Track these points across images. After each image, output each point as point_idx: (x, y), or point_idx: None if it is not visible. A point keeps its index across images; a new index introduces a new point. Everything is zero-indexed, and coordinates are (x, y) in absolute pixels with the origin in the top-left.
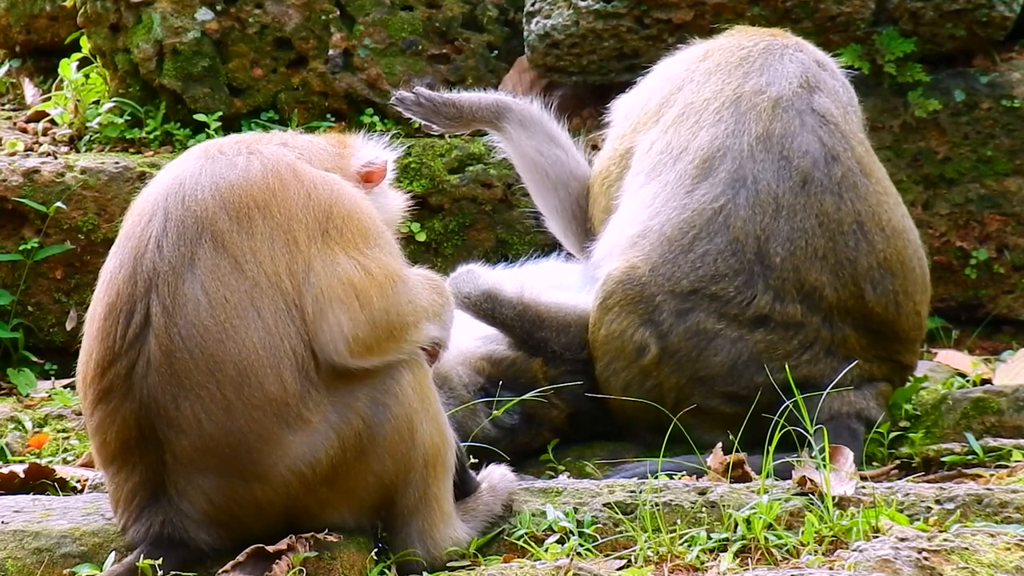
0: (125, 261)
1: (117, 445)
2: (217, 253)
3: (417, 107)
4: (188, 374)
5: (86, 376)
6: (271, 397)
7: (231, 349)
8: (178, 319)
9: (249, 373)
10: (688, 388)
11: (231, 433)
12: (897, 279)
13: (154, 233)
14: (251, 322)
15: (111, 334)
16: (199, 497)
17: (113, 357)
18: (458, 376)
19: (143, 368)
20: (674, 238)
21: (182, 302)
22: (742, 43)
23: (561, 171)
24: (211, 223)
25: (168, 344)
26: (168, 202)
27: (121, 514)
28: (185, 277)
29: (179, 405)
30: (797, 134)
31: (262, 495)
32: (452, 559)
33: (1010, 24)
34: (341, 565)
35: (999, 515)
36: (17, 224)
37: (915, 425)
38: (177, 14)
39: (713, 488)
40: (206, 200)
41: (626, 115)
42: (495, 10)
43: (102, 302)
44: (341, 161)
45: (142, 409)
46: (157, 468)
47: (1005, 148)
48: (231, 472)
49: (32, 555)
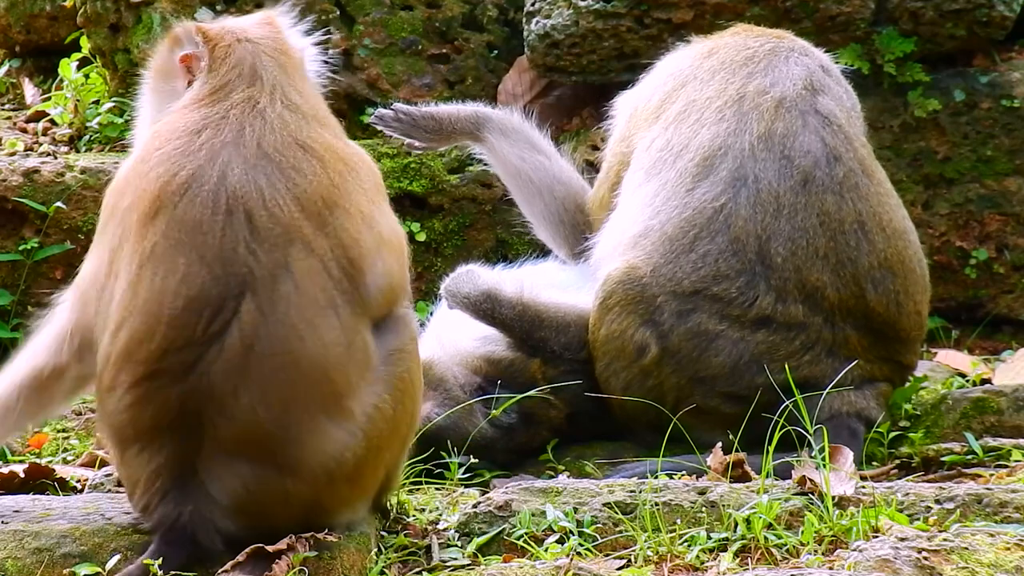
0: (205, 260)
1: (149, 424)
2: (308, 256)
3: (397, 123)
4: (260, 367)
5: (131, 353)
6: (334, 391)
7: (310, 347)
8: (270, 317)
9: (321, 369)
10: (688, 388)
11: (282, 426)
12: (898, 279)
13: (243, 237)
14: (331, 320)
15: (191, 325)
16: (233, 483)
17: (185, 344)
18: (454, 377)
19: (212, 357)
20: (675, 237)
21: (277, 301)
22: (748, 43)
23: (544, 176)
24: (297, 229)
25: (252, 340)
26: (246, 203)
27: (141, 495)
28: (281, 279)
29: (238, 394)
30: (799, 134)
31: (291, 488)
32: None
33: (1010, 24)
34: (341, 565)
35: (999, 515)
36: (17, 224)
37: (915, 425)
38: (177, 14)
39: (713, 488)
40: (289, 205)
41: (630, 113)
42: (495, 10)
43: (177, 293)
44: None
45: (192, 393)
46: (190, 452)
47: (1005, 148)
48: (268, 462)
49: (32, 555)
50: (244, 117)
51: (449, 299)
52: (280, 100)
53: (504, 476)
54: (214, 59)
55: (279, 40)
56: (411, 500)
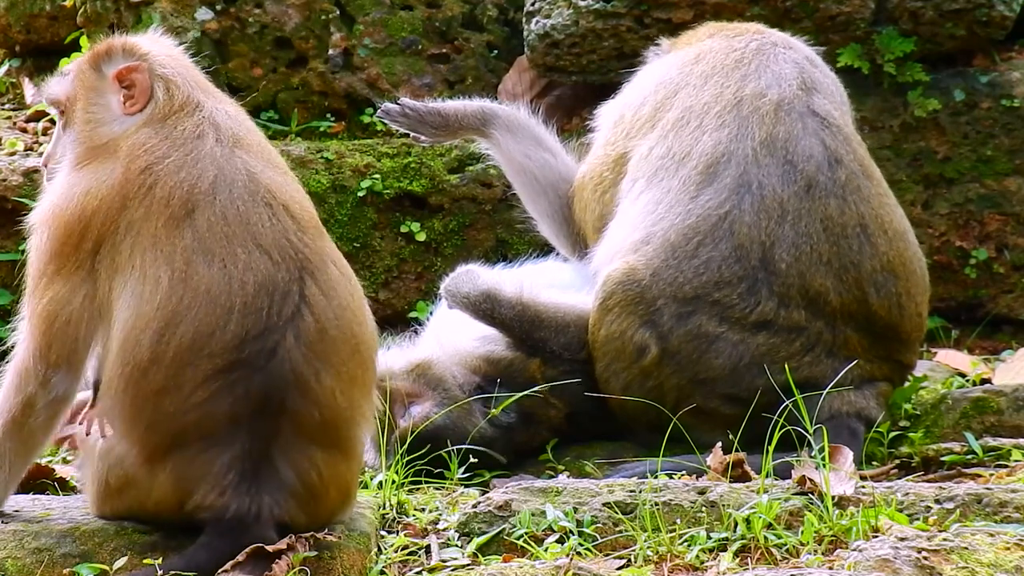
0: (262, 247)
1: (226, 418)
2: (335, 249)
3: (403, 118)
4: (336, 351)
5: (200, 348)
6: (375, 374)
7: (367, 333)
8: (332, 301)
9: (373, 352)
10: (689, 389)
11: (352, 407)
12: (900, 281)
13: (290, 227)
14: (367, 309)
15: (264, 310)
16: (307, 469)
17: (263, 330)
18: (453, 376)
19: (291, 342)
20: (678, 244)
21: (332, 286)
22: (732, 44)
23: (550, 174)
24: (320, 225)
25: (324, 323)
26: (280, 198)
27: (206, 493)
28: (328, 265)
29: (320, 379)
30: (800, 138)
31: (346, 470)
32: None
33: (1010, 24)
34: (341, 565)
35: (999, 515)
36: (17, 224)
37: (915, 425)
38: (177, 14)
39: (713, 488)
40: (306, 204)
41: (616, 121)
42: (495, 10)
43: (244, 281)
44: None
45: (273, 381)
46: (266, 441)
47: (1005, 148)
48: (335, 445)
49: (32, 555)
50: (231, 124)
51: (449, 299)
52: (229, 107)
53: (504, 476)
54: (158, 70)
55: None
56: (411, 500)
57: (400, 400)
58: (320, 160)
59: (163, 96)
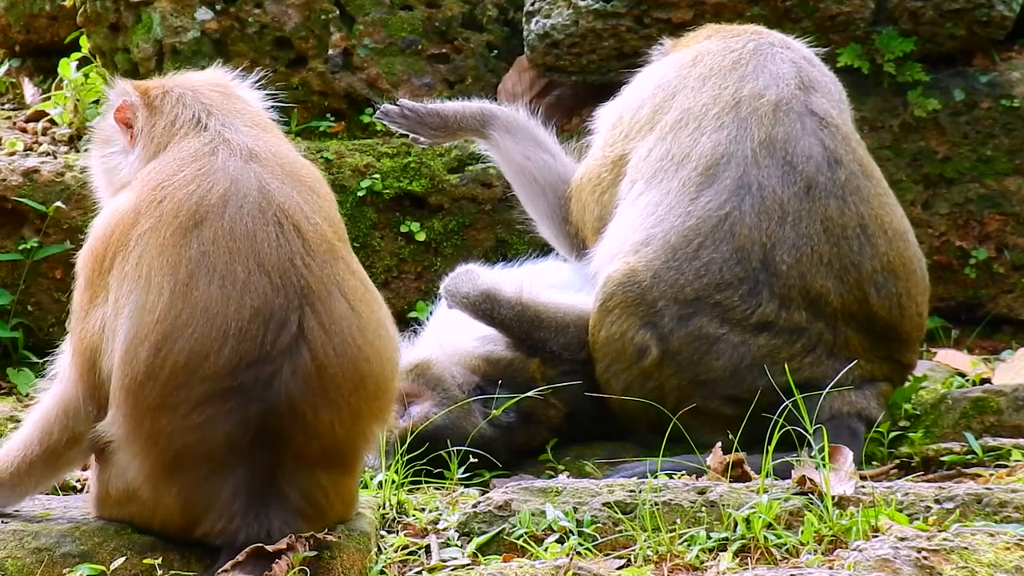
0: (264, 268)
1: (224, 444)
2: (350, 275)
3: (402, 119)
4: (335, 388)
5: (194, 369)
6: (389, 401)
7: (375, 367)
8: (334, 337)
9: (383, 384)
10: (689, 390)
11: (355, 434)
12: (900, 281)
13: (297, 249)
14: (386, 339)
15: (258, 338)
16: (313, 490)
17: (257, 359)
18: (452, 376)
19: (288, 375)
20: (678, 246)
21: (336, 319)
22: (730, 45)
23: (549, 175)
24: (335, 248)
25: (323, 359)
26: (292, 217)
27: (216, 519)
28: (335, 296)
29: (318, 413)
30: (799, 138)
31: (345, 488)
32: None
33: (1010, 24)
34: (341, 565)
35: (998, 514)
36: (17, 224)
37: (915, 425)
38: (177, 14)
39: (713, 488)
40: (322, 224)
41: (614, 123)
42: (495, 10)
43: (241, 303)
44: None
45: (271, 411)
46: (270, 467)
47: (1005, 148)
48: (339, 466)
49: (32, 555)
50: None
51: (448, 299)
52: (246, 123)
53: (504, 476)
54: (155, 99)
55: (213, 78)
56: (411, 500)
57: (400, 400)
58: (320, 160)
59: (163, 123)
